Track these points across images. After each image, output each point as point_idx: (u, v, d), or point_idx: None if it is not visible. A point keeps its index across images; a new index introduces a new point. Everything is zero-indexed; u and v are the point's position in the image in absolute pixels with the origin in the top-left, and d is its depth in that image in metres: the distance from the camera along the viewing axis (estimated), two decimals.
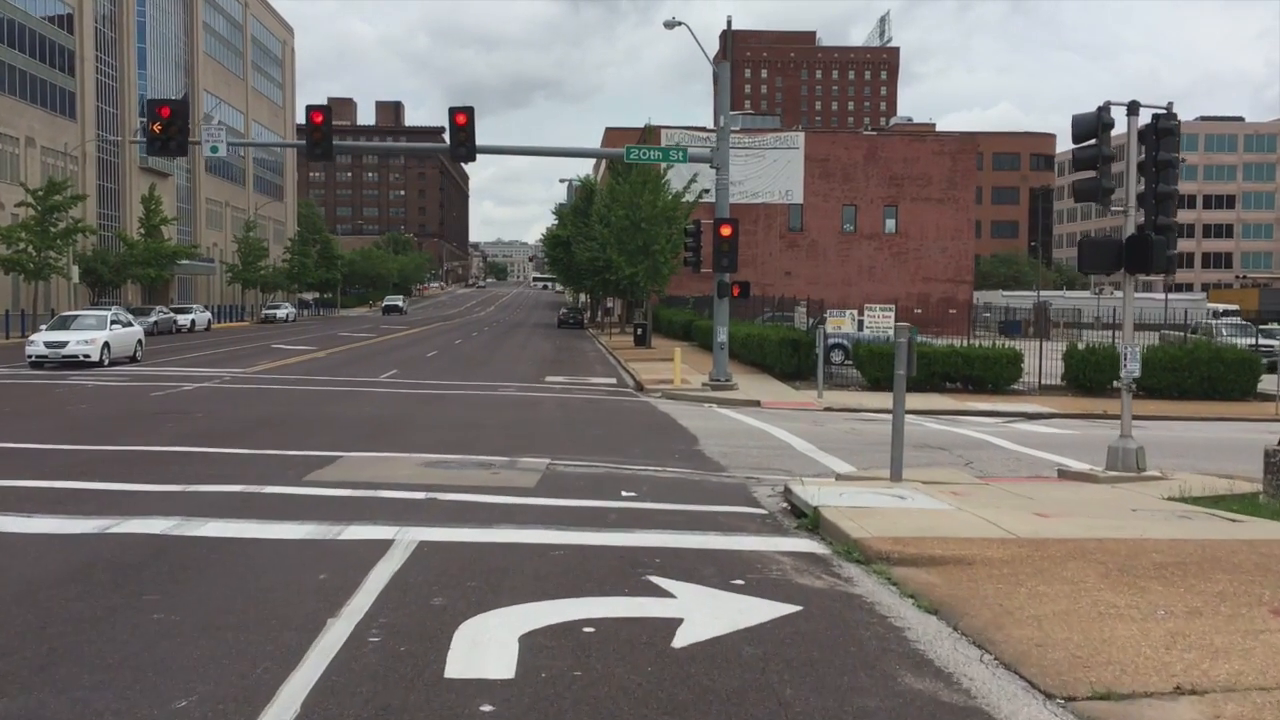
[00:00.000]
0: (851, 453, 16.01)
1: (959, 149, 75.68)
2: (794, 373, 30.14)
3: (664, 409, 22.90)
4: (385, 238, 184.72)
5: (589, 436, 17.10)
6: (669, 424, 19.60)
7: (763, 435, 18.03)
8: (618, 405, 23.40)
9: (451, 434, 16.62)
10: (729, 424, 19.88)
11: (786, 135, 76.12)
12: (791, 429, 19.04)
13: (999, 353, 28.08)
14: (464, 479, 11.95)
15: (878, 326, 29.03)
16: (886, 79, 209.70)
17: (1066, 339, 33.28)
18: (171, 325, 58.34)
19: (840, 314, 29.01)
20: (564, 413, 20.98)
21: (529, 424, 18.55)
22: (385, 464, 12.90)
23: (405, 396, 23.67)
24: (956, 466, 14.99)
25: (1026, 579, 7.39)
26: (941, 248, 75.21)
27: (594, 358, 42.22)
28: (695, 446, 16.25)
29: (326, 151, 27.39)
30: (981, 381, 27.93)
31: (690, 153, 28.59)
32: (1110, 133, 13.29)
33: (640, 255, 46.58)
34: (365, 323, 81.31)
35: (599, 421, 19.49)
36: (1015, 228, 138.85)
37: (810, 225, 74.87)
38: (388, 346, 46.63)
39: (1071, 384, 28.51)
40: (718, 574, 7.71)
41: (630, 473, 13.14)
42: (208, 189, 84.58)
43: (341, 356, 38.67)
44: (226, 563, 7.74)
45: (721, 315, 28.63)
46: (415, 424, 18.07)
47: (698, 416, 21.24)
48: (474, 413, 20.36)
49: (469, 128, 27.02)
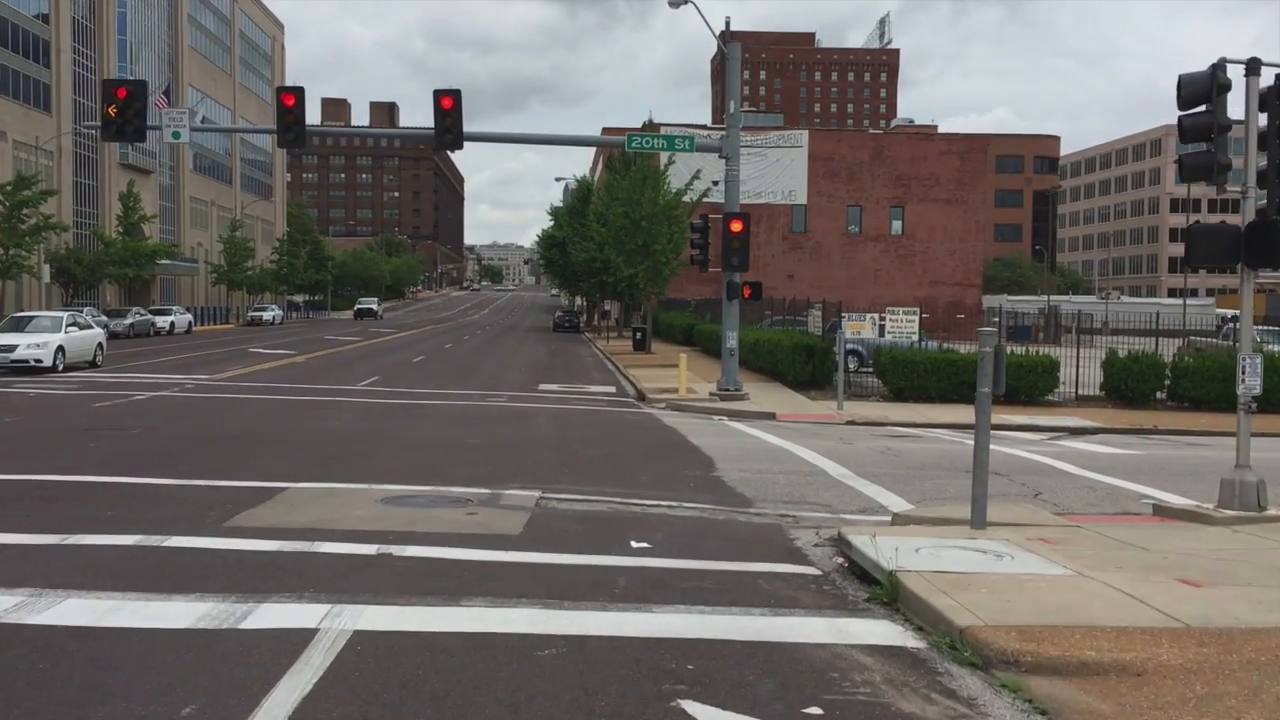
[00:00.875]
0: (896, 480, 13.58)
1: (967, 149, 73.37)
2: (809, 381, 27.74)
3: (670, 422, 20.47)
4: (378, 239, 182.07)
5: (587, 459, 14.65)
6: (678, 442, 17.16)
7: (787, 456, 15.60)
8: (619, 419, 20.95)
9: (427, 456, 14.16)
10: (746, 442, 17.45)
11: (790, 134, 73.75)
12: (817, 448, 16.62)
13: (1033, 361, 25.70)
14: (432, 521, 9.49)
15: (901, 331, 26.64)
16: (886, 81, 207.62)
17: (1078, 345, 30.72)
18: (149, 328, 55.83)
19: (859, 318, 26.59)
20: (559, 428, 18.53)
21: (518, 443, 16.09)
22: (337, 500, 10.45)
23: (382, 408, 21.21)
24: (1025, 499, 12.58)
25: (1239, 708, 4.96)
26: (949, 250, 72.87)
27: (591, 364, 39.80)
28: (712, 472, 13.81)
29: (299, 137, 24.95)
30: (1014, 391, 25.50)
31: (697, 141, 26.19)
32: (1226, 96, 10.90)
33: (640, 255, 44.15)
34: (354, 326, 78.81)
35: (598, 439, 17.05)
36: (1018, 231, 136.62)
37: (814, 226, 72.52)
38: (373, 351, 44.15)
39: (1111, 395, 26.13)
40: (780, 694, 5.27)
41: (639, 510, 10.70)
42: (192, 187, 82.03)
43: (321, 362, 36.19)
44: (54, 679, 5.27)
45: (731, 318, 26.22)
46: (386, 443, 15.61)
47: (709, 432, 18.81)
48: (456, 428, 17.91)
49: (455, 112, 24.61)
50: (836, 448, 16.88)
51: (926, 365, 25.63)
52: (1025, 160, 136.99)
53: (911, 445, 17.58)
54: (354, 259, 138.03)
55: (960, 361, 25.68)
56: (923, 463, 15.26)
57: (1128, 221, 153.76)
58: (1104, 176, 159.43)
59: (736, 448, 16.44)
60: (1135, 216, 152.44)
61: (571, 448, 15.75)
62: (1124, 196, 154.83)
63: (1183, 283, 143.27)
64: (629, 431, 18.57)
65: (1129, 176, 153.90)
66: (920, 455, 16.16)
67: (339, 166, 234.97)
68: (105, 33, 66.68)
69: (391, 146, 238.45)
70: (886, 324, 26.72)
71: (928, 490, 12.88)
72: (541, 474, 12.91)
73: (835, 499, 12.11)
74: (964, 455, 16.18)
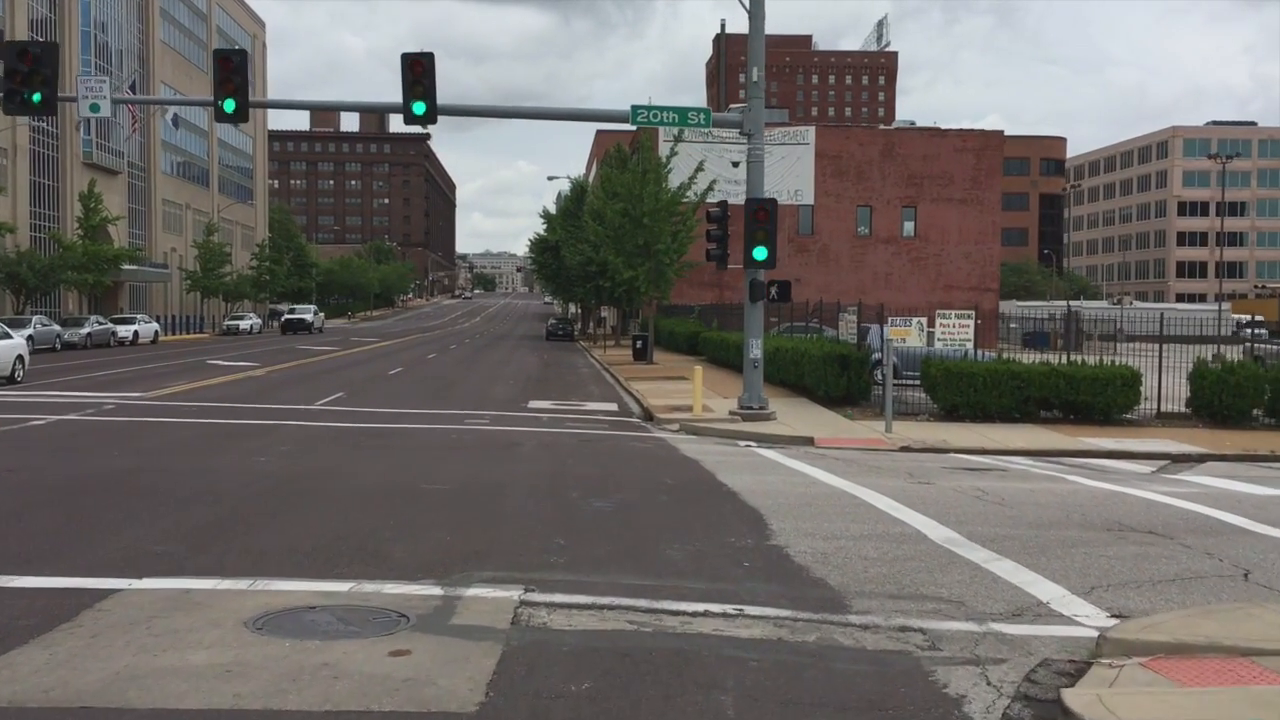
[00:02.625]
0: (1027, 548, 9.55)
1: (983, 145, 69.51)
2: (842, 397, 23.75)
3: (689, 452, 16.43)
4: (367, 247, 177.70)
5: (591, 516, 10.60)
6: (707, 483, 13.10)
7: (857, 507, 11.56)
8: (625, 448, 16.88)
9: (363, 517, 10.09)
10: (794, 481, 13.39)
11: (796, 130, 69.83)
12: (889, 490, 12.59)
13: (1111, 373, 21.72)
14: (321, 680, 5.39)
15: (953, 338, 22.64)
16: (885, 84, 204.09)
17: (1097, 352, 26.48)
18: (109, 337, 51.68)
19: (904, 322, 22.54)
20: (551, 463, 14.47)
21: (495, 491, 12.02)
22: (182, 620, 6.36)
23: (332, 435, 17.14)
24: (1232, 579, 8.57)
25: None
26: (964, 253, 68.95)
27: (588, 375, 35.75)
28: (768, 538, 9.75)
29: (241, 111, 20.90)
30: (1088, 409, 21.60)
31: (715, 117, 22.17)
32: None
33: (641, 256, 40.13)
34: (337, 335, 74.62)
35: (603, 481, 12.98)
36: (1024, 235, 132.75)
37: (821, 228, 68.55)
38: (347, 362, 40.03)
39: (1199, 411, 22.18)
40: None
41: (680, 628, 6.64)
42: (165, 190, 77.79)
43: (283, 375, 32.07)
44: None
45: (755, 324, 22.20)
46: (315, 493, 11.52)
47: (742, 466, 14.78)
48: (419, 465, 13.85)
49: (426, 79, 20.58)
50: (913, 490, 12.84)
51: (985, 378, 21.66)
52: (1031, 162, 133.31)
53: (1008, 485, 13.53)
54: (340, 266, 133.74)
55: (1025, 374, 21.72)
56: (1045, 516, 11.23)
57: (1134, 225, 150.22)
58: (1108, 180, 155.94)
59: (785, 492, 12.39)
60: (1141, 220, 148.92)
61: (568, 496, 11.68)
62: (1129, 200, 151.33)
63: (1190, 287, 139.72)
64: (641, 467, 14.51)
65: (1135, 180, 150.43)
66: (1032, 503, 12.13)
67: (328, 174, 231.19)
68: (67, 22, 62.49)
69: (381, 153, 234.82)
70: (936, 329, 22.71)
71: (1089, 566, 8.84)
72: (526, 548, 8.85)
73: (962, 588, 8.07)
74: (1094, 502, 12.14)
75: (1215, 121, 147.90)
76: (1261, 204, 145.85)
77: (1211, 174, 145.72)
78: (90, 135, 63.47)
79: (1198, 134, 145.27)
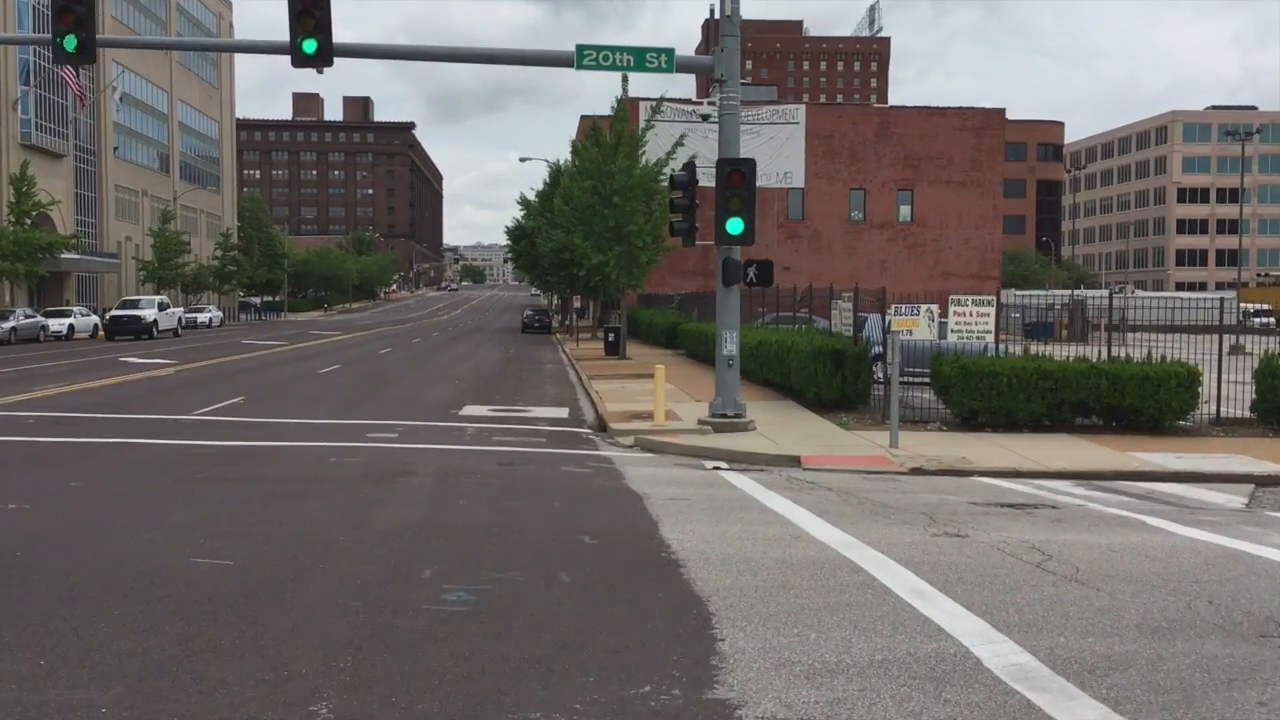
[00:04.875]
0: (1161, 690, 5.52)
1: (984, 124, 65.42)
2: (836, 401, 19.75)
3: (636, 482, 12.35)
4: (348, 237, 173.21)
5: (420, 633, 6.52)
6: (642, 545, 9.02)
7: (862, 589, 7.53)
8: (551, 479, 12.79)
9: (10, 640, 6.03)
10: (769, 538, 9.32)
11: (785, 108, 65.67)
12: (907, 552, 8.58)
13: (1165, 371, 17.72)
14: None
15: (969, 329, 18.66)
16: (877, 70, 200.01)
17: (1103, 343, 22.36)
18: (38, 332, 47.50)
19: (912, 311, 18.51)
20: (429, 508, 10.39)
21: (304, 569, 7.91)
22: None
23: (170, 462, 13.07)
24: None
25: None
26: (964, 238, 65.03)
27: (550, 373, 31.71)
28: (714, 682, 5.69)
29: (86, 49, 16.84)
30: (1134, 415, 17.63)
31: (679, 58, 18.05)
32: None
33: (611, 239, 36.04)
34: (298, 328, 70.39)
35: (490, 544, 8.91)
36: (1021, 222, 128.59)
37: (812, 213, 64.53)
38: (282, 359, 35.92)
39: (1268, 416, 18.25)
40: None
41: None
42: (117, 175, 73.34)
43: (191, 375, 27.94)
44: None
45: (729, 313, 18.18)
46: None
47: (701, 507, 10.73)
48: (224, 519, 9.74)
49: (320, 9, 16.52)
50: (941, 551, 8.81)
51: (1011, 379, 17.65)
52: (1028, 148, 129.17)
53: (1073, 539, 9.47)
54: (316, 257, 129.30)
55: (1059, 373, 17.72)
56: (1155, 609, 7.18)
57: (1132, 213, 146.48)
58: (1106, 166, 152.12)
59: (755, 559, 8.35)
60: (1140, 208, 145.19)
61: (415, 578, 7.58)
62: (1128, 187, 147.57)
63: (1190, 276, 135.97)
64: (559, 512, 10.44)
65: (1133, 166, 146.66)
66: (1123, 576, 8.08)
67: (310, 163, 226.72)
68: None
69: (365, 142, 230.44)
70: (950, 319, 18.70)
71: None
72: None
73: None
74: (1211, 571, 7.64)
75: (1215, 106, 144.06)
76: (1263, 190, 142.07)
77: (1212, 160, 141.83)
78: (29, 115, 59.16)
79: (1197, 119, 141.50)
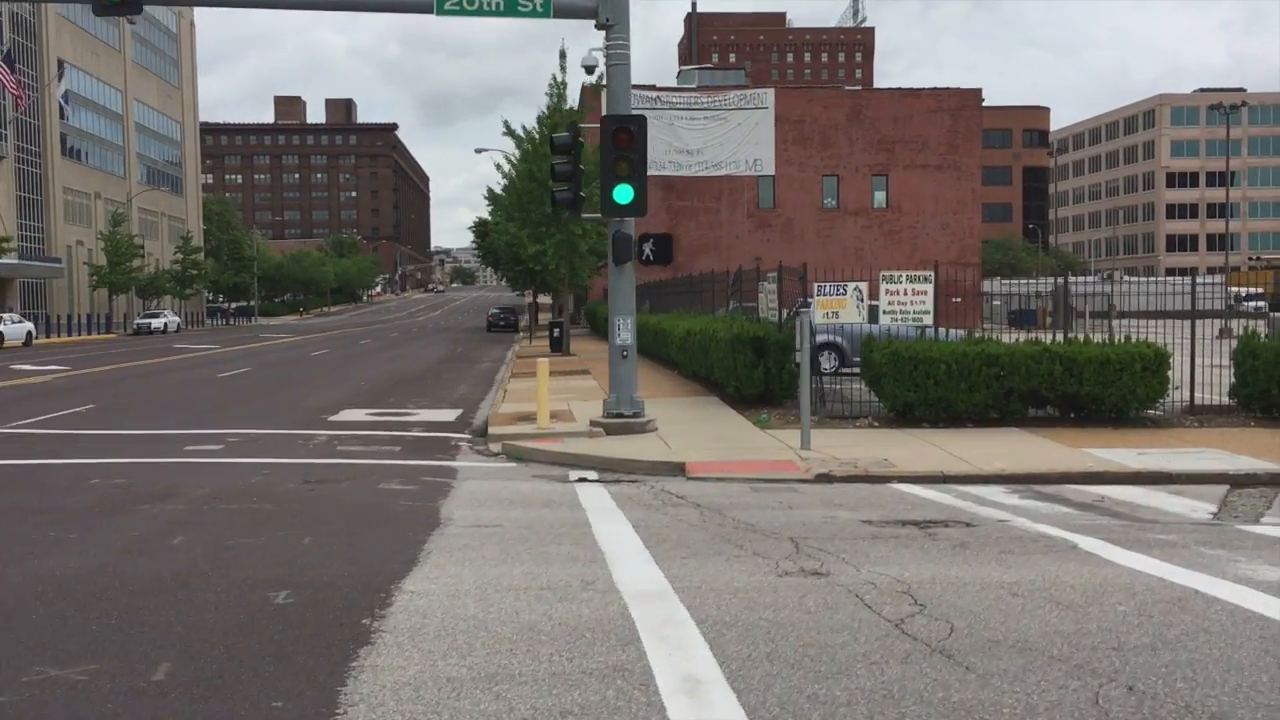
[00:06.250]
0: None
1: (960, 105, 62.98)
2: (760, 395, 17.27)
3: (449, 510, 9.77)
4: (328, 240, 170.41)
5: None
6: (337, 631, 6.51)
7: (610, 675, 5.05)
8: (333, 512, 10.20)
9: None
10: (549, 598, 6.84)
11: (753, 93, 62.09)
12: (739, 630, 6.10)
13: (1128, 353, 15.21)
14: None
15: (905, 310, 16.21)
16: (862, 60, 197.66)
17: (1090, 330, 19.85)
18: None
19: (837, 290, 16.02)
20: (107, 560, 7.91)
21: None
22: None
23: None
24: None
25: None
26: (942, 224, 62.56)
27: (480, 372, 29.28)
28: None
29: None
30: (1095, 404, 15.14)
31: (555, 3, 15.51)
32: None
33: (549, 228, 33.55)
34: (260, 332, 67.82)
35: (72, 642, 6.44)
36: (1008, 210, 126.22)
37: (784, 200, 62.04)
38: (196, 363, 33.41)
39: (1249, 403, 15.81)
40: None
41: None
42: (65, 176, 70.65)
43: (70, 382, 25.45)
44: None
45: (622, 296, 15.70)
46: None
47: (497, 546, 8.20)
48: None
49: None
50: (775, 605, 6.32)
51: (950, 365, 15.13)
52: (1013, 134, 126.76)
53: (969, 575, 6.96)
54: (291, 260, 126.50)
55: (1006, 358, 15.19)
56: (1045, 698, 4.67)
57: (1121, 199, 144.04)
58: (1094, 152, 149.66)
59: (488, 626, 5.84)
60: (1129, 193, 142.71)
61: None
62: (1116, 173, 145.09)
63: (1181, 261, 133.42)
64: (289, 557, 7.91)
65: (1121, 151, 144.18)
66: (1017, 643, 5.55)
67: (292, 166, 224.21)
68: None
69: (348, 144, 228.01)
70: (883, 300, 16.21)
71: None
72: None
73: None
74: (1150, 636, 5.06)
75: (1204, 89, 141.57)
76: (1253, 173, 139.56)
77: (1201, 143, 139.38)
78: None
79: (1185, 101, 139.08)
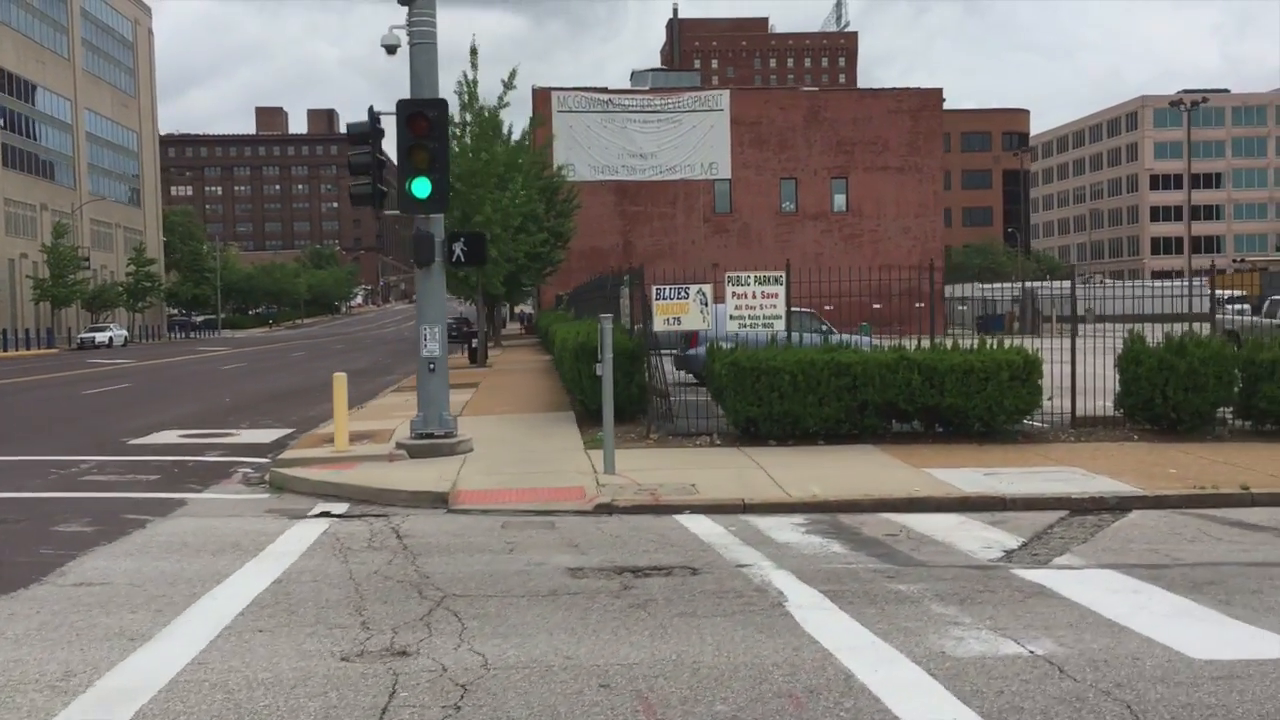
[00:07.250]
0: None
1: (920, 106, 61.29)
2: (617, 409, 15.52)
3: (79, 565, 8.19)
4: (305, 251, 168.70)
5: None
6: None
7: None
8: None
9: None
10: None
11: (708, 94, 61.53)
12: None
13: (994, 360, 13.57)
14: None
15: (756, 315, 14.58)
16: (845, 65, 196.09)
17: (1055, 334, 18.25)
18: None
19: (678, 293, 14.36)
20: None
21: None
22: None
23: None
24: None
25: None
26: (903, 227, 60.89)
27: (374, 388, 27.62)
28: None
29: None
30: (962, 416, 13.49)
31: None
32: None
33: None
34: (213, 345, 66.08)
35: None
36: (988, 214, 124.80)
37: (741, 205, 60.39)
38: (74, 380, 31.75)
39: (1134, 413, 14.14)
40: None
41: None
42: (6, 187, 68.96)
43: None
44: None
45: (431, 302, 14.04)
46: None
47: (22, 623, 6.57)
48: None
49: None
50: None
51: (796, 376, 13.44)
52: (993, 137, 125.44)
53: (587, 648, 5.31)
54: (262, 272, 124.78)
55: (856, 366, 13.52)
56: None
57: (1105, 202, 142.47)
58: (1078, 155, 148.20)
59: None
60: (1114, 196, 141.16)
61: None
62: (1100, 176, 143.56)
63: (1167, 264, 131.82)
64: None
65: (1105, 154, 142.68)
66: None
67: (274, 178, 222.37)
68: None
69: (329, 154, 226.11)
70: (729, 303, 14.55)
71: None
72: None
73: None
74: None
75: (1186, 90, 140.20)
76: (1237, 174, 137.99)
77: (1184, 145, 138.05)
78: None
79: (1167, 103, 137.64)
